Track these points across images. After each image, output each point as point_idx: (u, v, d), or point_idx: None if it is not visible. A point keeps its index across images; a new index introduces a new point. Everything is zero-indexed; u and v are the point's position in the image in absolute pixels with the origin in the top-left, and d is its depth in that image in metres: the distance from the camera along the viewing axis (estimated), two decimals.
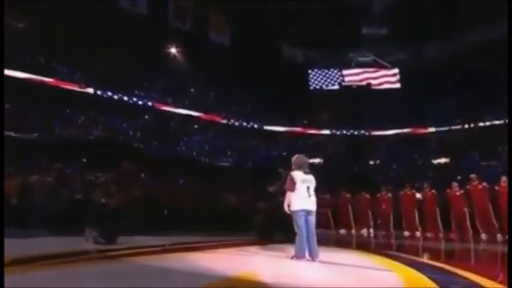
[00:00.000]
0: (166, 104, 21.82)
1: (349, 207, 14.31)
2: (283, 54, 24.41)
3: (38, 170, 12.13)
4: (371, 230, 13.76)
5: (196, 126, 22.46)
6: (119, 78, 20.22)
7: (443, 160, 21.51)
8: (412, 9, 20.79)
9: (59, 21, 17.79)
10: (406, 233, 12.72)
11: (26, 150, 14.81)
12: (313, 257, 5.70)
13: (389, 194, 13.54)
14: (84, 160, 16.74)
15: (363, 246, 9.70)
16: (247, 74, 21.87)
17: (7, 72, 16.98)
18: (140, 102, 21.01)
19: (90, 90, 19.40)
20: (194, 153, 20.33)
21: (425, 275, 4.35)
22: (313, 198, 5.96)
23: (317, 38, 22.97)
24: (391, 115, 23.01)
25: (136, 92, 21.05)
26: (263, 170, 20.44)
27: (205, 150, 20.96)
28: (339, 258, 6.19)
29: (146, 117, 21.19)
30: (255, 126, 23.68)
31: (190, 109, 22.17)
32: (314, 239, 5.79)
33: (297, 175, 5.95)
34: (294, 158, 6.21)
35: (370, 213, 13.86)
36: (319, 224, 14.37)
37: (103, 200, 7.37)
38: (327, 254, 6.06)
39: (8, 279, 3.31)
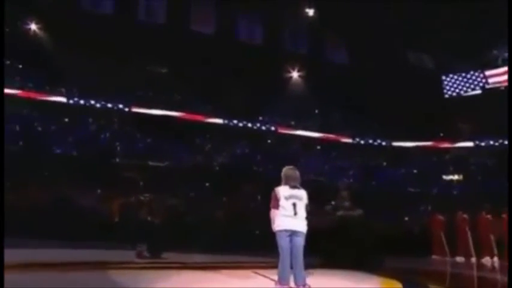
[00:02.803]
0: (289, 127, 22.21)
1: (467, 229, 11.94)
2: (410, 62, 22.23)
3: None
4: (495, 259, 11.19)
5: (319, 147, 22.18)
6: (244, 106, 21.56)
7: None
8: None
9: (190, 63, 20.12)
10: None
11: (158, 176, 17.07)
12: (298, 284, 5.08)
13: (504, 215, 10.84)
14: (207, 185, 18.35)
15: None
16: (371, 89, 20.76)
17: (148, 111, 20.12)
18: (263, 128, 21.90)
19: (218, 120, 21.13)
20: (312, 175, 20.01)
21: None
22: (301, 217, 5.33)
23: (449, 38, 20.30)
24: None
25: (260, 118, 22.04)
26: (387, 189, 18.95)
27: (324, 170, 20.44)
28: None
29: (269, 141, 21.93)
30: (383, 143, 22.05)
31: (313, 130, 22.07)
32: (300, 264, 5.15)
33: (282, 190, 5.45)
34: (283, 170, 5.74)
35: (492, 238, 11.31)
36: (432, 250, 12.56)
37: (148, 218, 7.98)
38: (322, 281, 5.31)
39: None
